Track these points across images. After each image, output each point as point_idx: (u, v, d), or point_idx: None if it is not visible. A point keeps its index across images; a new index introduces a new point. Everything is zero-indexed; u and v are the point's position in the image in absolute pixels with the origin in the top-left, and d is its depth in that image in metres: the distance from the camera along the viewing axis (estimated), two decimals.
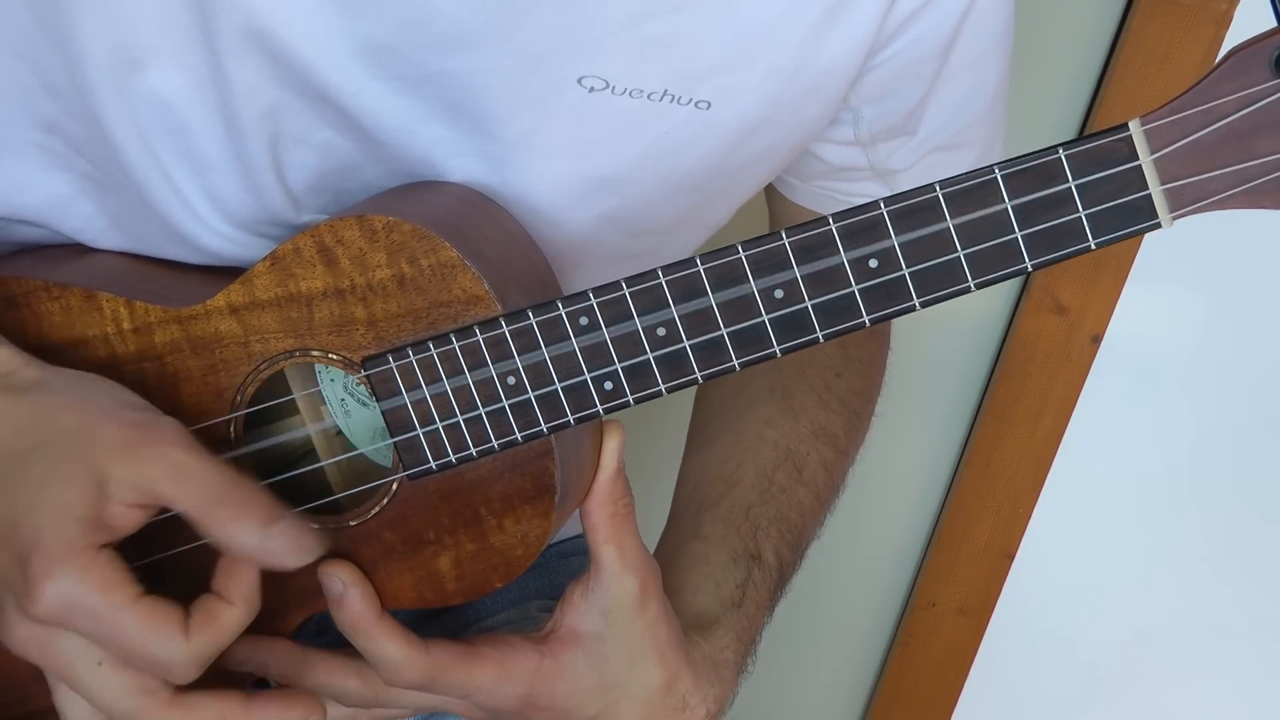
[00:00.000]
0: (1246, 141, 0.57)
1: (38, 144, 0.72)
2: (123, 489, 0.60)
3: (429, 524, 0.70)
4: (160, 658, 0.60)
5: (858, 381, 0.96)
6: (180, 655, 0.61)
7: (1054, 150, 0.59)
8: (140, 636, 0.60)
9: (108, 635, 0.60)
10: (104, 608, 0.59)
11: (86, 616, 0.59)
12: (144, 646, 0.60)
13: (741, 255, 0.62)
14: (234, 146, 0.70)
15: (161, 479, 0.61)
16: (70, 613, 0.59)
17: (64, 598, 0.58)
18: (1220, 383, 1.53)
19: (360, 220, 0.66)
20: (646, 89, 0.71)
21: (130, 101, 0.68)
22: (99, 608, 0.59)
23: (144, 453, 0.61)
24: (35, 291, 0.69)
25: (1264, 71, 0.56)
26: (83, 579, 0.59)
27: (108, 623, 0.59)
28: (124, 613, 0.59)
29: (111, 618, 0.59)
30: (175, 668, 0.61)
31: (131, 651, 0.60)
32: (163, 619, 0.60)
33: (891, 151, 0.84)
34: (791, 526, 0.88)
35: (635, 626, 0.74)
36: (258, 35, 0.67)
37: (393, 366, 0.66)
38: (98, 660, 0.61)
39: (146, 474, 0.60)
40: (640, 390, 0.65)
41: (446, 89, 0.70)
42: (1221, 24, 1.29)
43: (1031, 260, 0.60)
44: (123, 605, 0.59)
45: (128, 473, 0.60)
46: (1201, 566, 1.65)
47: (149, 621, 0.60)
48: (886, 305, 0.62)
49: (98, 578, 0.59)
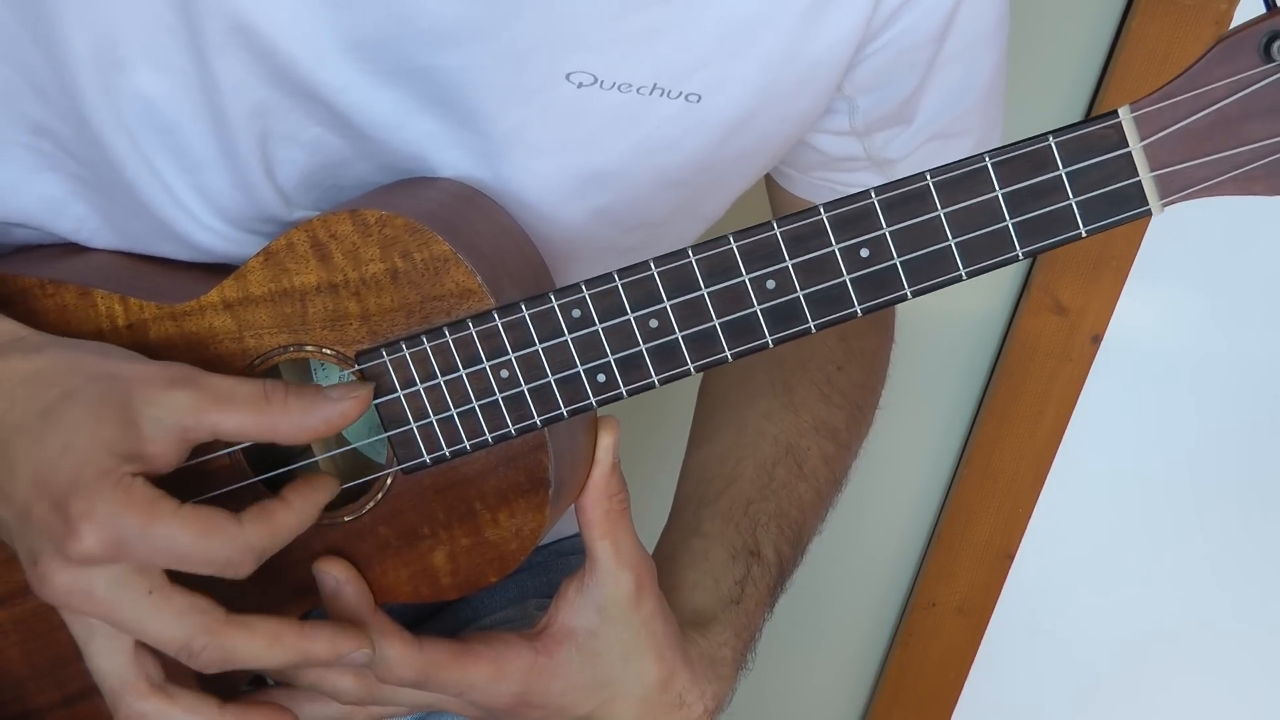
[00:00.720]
0: (1236, 127, 0.57)
1: (27, 146, 0.72)
2: (157, 425, 0.61)
3: (423, 518, 0.70)
4: (217, 552, 0.60)
5: (860, 375, 0.96)
6: (238, 543, 0.60)
7: (1044, 138, 0.59)
8: (195, 537, 0.59)
9: (161, 549, 0.59)
10: (152, 523, 0.59)
11: (136, 538, 0.59)
12: (200, 546, 0.60)
13: (733, 246, 0.62)
14: (223, 145, 0.70)
15: (203, 404, 0.61)
16: (119, 540, 0.59)
17: (110, 528, 0.58)
18: (1220, 382, 1.53)
19: (353, 215, 0.66)
20: (635, 83, 0.71)
21: (117, 101, 0.68)
22: (147, 525, 0.59)
23: (174, 389, 0.61)
24: (30, 289, 0.69)
25: (1253, 57, 0.56)
26: (126, 504, 0.59)
27: (160, 536, 0.59)
28: (174, 520, 0.59)
29: (162, 530, 0.59)
30: (235, 557, 0.60)
31: (188, 555, 0.60)
32: (213, 516, 0.60)
33: (888, 141, 0.84)
34: (792, 522, 0.88)
35: (631, 623, 0.74)
36: (242, 32, 0.67)
37: (386, 360, 0.66)
38: (148, 589, 0.60)
39: (183, 404, 0.61)
40: (633, 382, 0.65)
41: (434, 84, 0.70)
42: (1221, 24, 1.29)
43: (1022, 248, 0.60)
44: (171, 514, 0.59)
45: (162, 408, 0.61)
46: (1201, 566, 1.65)
47: (200, 522, 0.60)
48: (878, 294, 0.62)
49: (139, 499, 0.59)
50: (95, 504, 0.58)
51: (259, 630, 0.62)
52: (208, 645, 0.61)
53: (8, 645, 0.73)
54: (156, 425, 0.61)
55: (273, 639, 0.63)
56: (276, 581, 0.69)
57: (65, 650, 0.72)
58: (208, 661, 0.61)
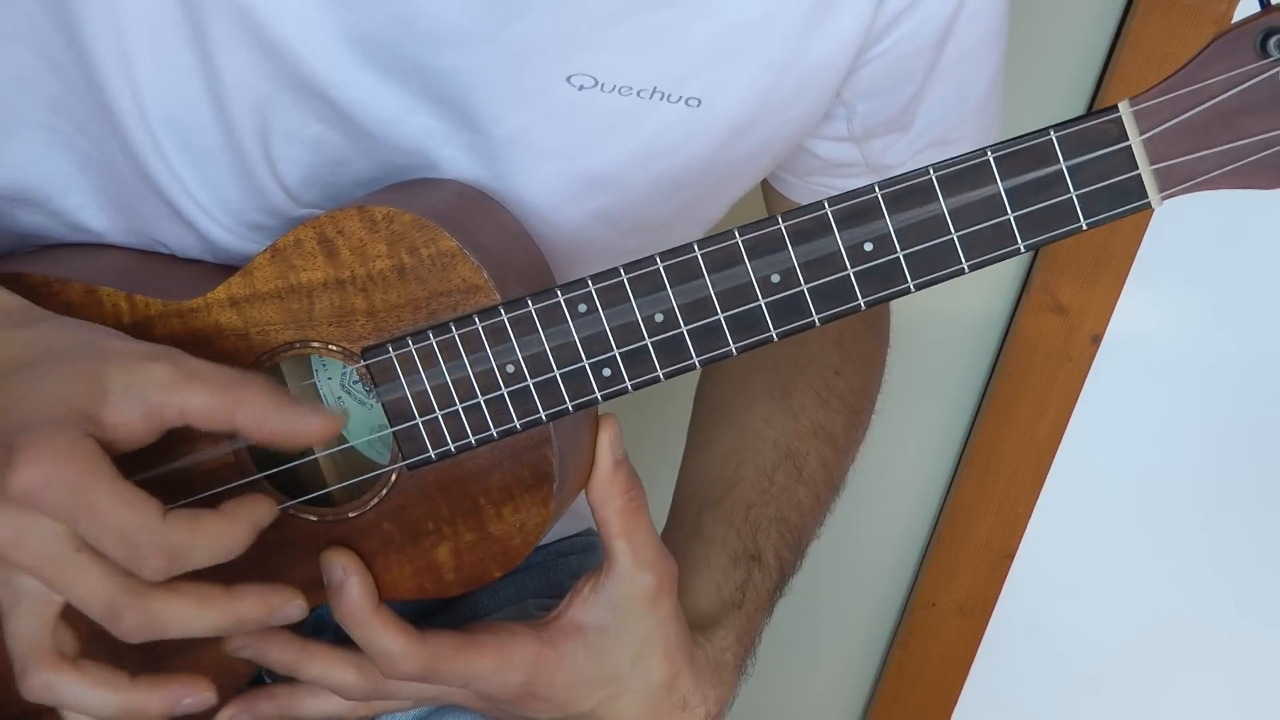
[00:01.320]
0: (1234, 122, 0.58)
1: (43, 124, 0.72)
2: (124, 393, 0.60)
3: (428, 514, 0.70)
4: (130, 532, 0.58)
5: (857, 379, 0.96)
6: (153, 533, 0.58)
7: (1045, 132, 0.59)
8: (117, 506, 0.57)
9: (81, 508, 0.57)
10: (83, 481, 0.57)
11: (63, 490, 0.57)
12: (117, 519, 0.58)
13: (738, 240, 0.63)
14: (227, 138, 0.71)
15: (173, 382, 0.60)
16: (48, 487, 0.57)
17: (43, 472, 0.57)
18: (1220, 381, 1.53)
19: (360, 211, 0.66)
20: (636, 86, 0.71)
21: (128, 88, 0.69)
22: (78, 481, 0.57)
23: (151, 363, 0.61)
24: (36, 287, 0.69)
25: (1250, 53, 0.57)
26: (67, 455, 0.57)
27: (84, 495, 0.57)
28: (105, 486, 0.58)
29: (90, 491, 0.57)
30: (144, 546, 0.58)
31: (103, 525, 0.58)
32: (142, 499, 0.58)
33: (886, 147, 0.85)
34: (791, 527, 0.88)
35: (645, 622, 0.74)
36: (246, 27, 0.67)
37: (392, 356, 0.67)
38: (75, 546, 0.58)
39: (156, 377, 0.60)
40: (639, 376, 0.66)
41: (436, 83, 0.70)
42: (1221, 24, 1.29)
43: (1024, 241, 0.61)
44: (105, 480, 0.58)
45: (134, 376, 0.60)
46: (1202, 566, 1.65)
47: (127, 496, 0.58)
48: (881, 288, 0.63)
49: (81, 453, 0.58)
50: (37, 444, 0.57)
51: (184, 592, 0.60)
52: (130, 606, 0.58)
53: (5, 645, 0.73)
54: (124, 393, 0.60)
55: (200, 600, 0.60)
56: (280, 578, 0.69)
57: None
58: (132, 625, 0.59)
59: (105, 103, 0.70)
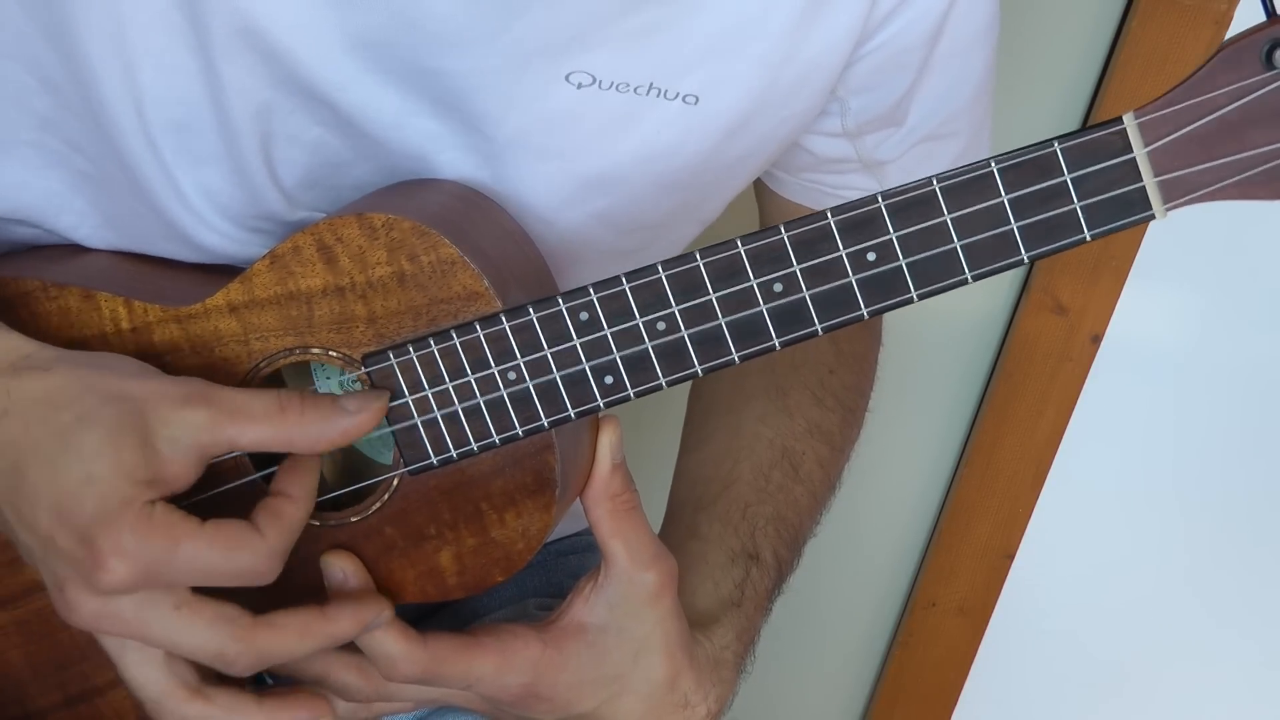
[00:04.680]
0: (1238, 134, 0.58)
1: (33, 143, 0.72)
2: (174, 445, 0.61)
3: (430, 519, 0.70)
4: (244, 564, 0.61)
5: (851, 378, 0.96)
6: (263, 552, 0.62)
7: (1049, 144, 0.59)
8: (220, 554, 0.61)
9: (189, 569, 0.60)
10: (178, 546, 0.60)
11: (164, 563, 0.60)
12: (227, 561, 0.61)
13: (741, 250, 0.63)
14: (227, 144, 0.70)
15: (219, 421, 0.61)
16: (148, 568, 0.59)
17: (138, 558, 0.59)
18: (1220, 382, 1.53)
19: (360, 218, 0.66)
20: (633, 83, 0.71)
21: (128, 96, 0.68)
22: (173, 549, 0.60)
23: (186, 408, 0.62)
24: (33, 292, 0.69)
25: (1255, 65, 0.56)
26: (150, 532, 0.59)
27: (187, 558, 0.60)
28: (198, 541, 0.60)
29: (189, 552, 0.60)
30: (261, 566, 0.62)
31: (215, 572, 0.61)
32: (234, 531, 0.61)
33: (879, 142, 0.85)
34: (789, 525, 0.88)
35: (646, 620, 0.74)
36: (248, 33, 0.67)
37: (393, 363, 0.67)
38: (173, 605, 0.61)
39: (198, 422, 0.61)
40: (640, 384, 0.66)
41: (437, 86, 0.70)
42: (1221, 24, 1.29)
43: (1028, 252, 0.61)
44: (194, 535, 0.60)
45: (178, 428, 0.61)
46: (1202, 566, 1.65)
47: (222, 538, 0.61)
48: (884, 298, 0.63)
49: (162, 524, 0.60)
50: (121, 535, 0.59)
51: (288, 626, 0.63)
52: (242, 651, 0.62)
53: (9, 647, 0.73)
54: (174, 445, 0.61)
55: (302, 631, 0.64)
56: (283, 582, 0.69)
57: (66, 651, 0.72)
58: (244, 666, 0.63)
59: (102, 115, 0.69)
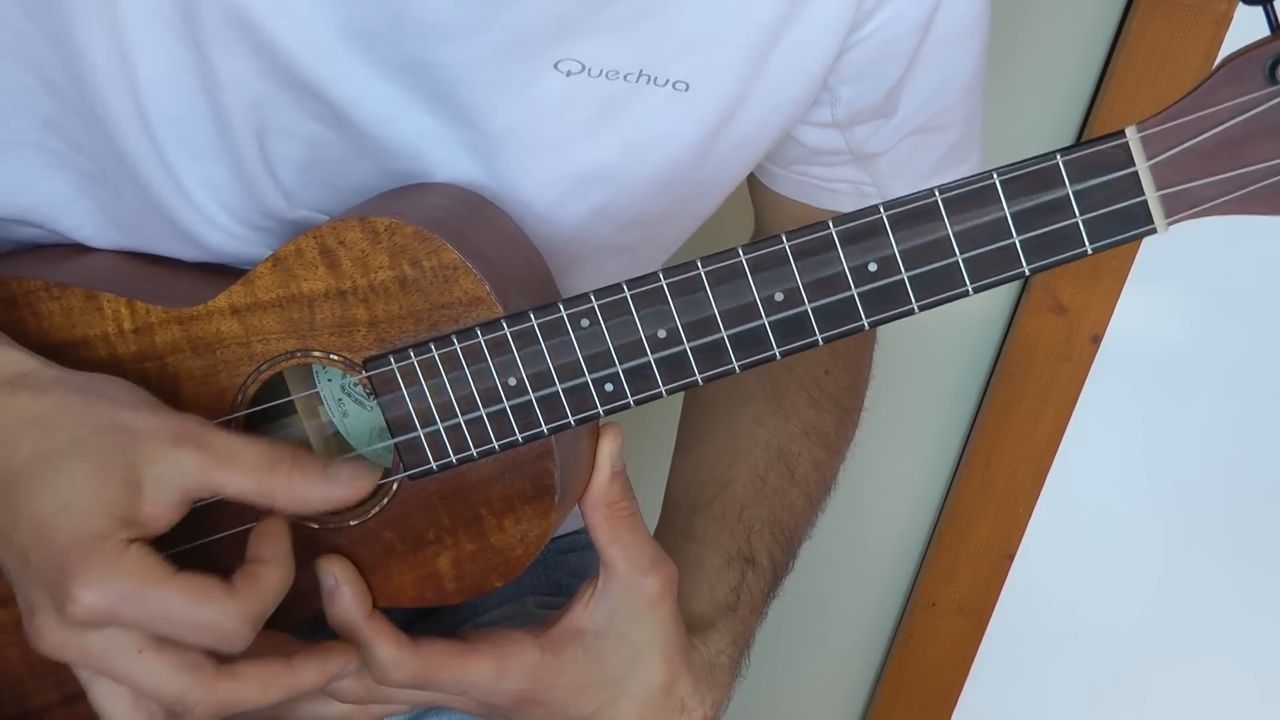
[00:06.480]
0: (1240, 148, 0.57)
1: (35, 144, 0.72)
2: (158, 485, 0.61)
3: (429, 524, 0.70)
4: (210, 621, 0.60)
5: (846, 378, 0.96)
6: (231, 613, 0.61)
7: (1052, 156, 0.59)
8: (187, 607, 0.60)
9: (154, 615, 0.60)
10: (145, 590, 0.59)
11: (130, 605, 0.59)
12: (193, 614, 0.60)
13: (742, 258, 0.63)
14: (223, 138, 0.71)
15: (208, 465, 0.61)
16: (112, 607, 0.59)
17: (103, 594, 0.59)
18: (1220, 382, 1.53)
19: (363, 222, 0.66)
20: (622, 70, 0.71)
21: (127, 91, 0.68)
22: (140, 592, 0.59)
23: (178, 449, 0.61)
24: (35, 292, 0.69)
25: (1258, 80, 0.56)
26: (119, 570, 0.59)
27: (152, 603, 0.59)
28: (165, 588, 0.60)
29: (155, 597, 0.59)
30: (227, 627, 0.61)
31: (180, 623, 0.60)
32: (204, 585, 0.61)
33: (870, 134, 0.84)
34: (784, 528, 0.88)
35: (645, 625, 0.74)
36: (240, 25, 0.67)
37: (394, 367, 0.67)
38: (138, 648, 0.61)
39: (188, 466, 0.61)
40: (641, 392, 0.66)
41: (428, 78, 0.70)
42: (1221, 24, 1.29)
43: (1029, 265, 0.61)
44: (162, 581, 0.60)
45: (166, 466, 0.61)
46: (1202, 566, 1.65)
47: (191, 590, 0.60)
48: (885, 309, 0.63)
49: (132, 565, 0.59)
50: (90, 569, 0.59)
51: (252, 677, 0.63)
52: (201, 700, 0.62)
53: (7, 645, 0.74)
54: (158, 485, 0.61)
55: (265, 683, 0.63)
56: None
57: None
58: (203, 714, 0.62)
59: (102, 113, 0.69)
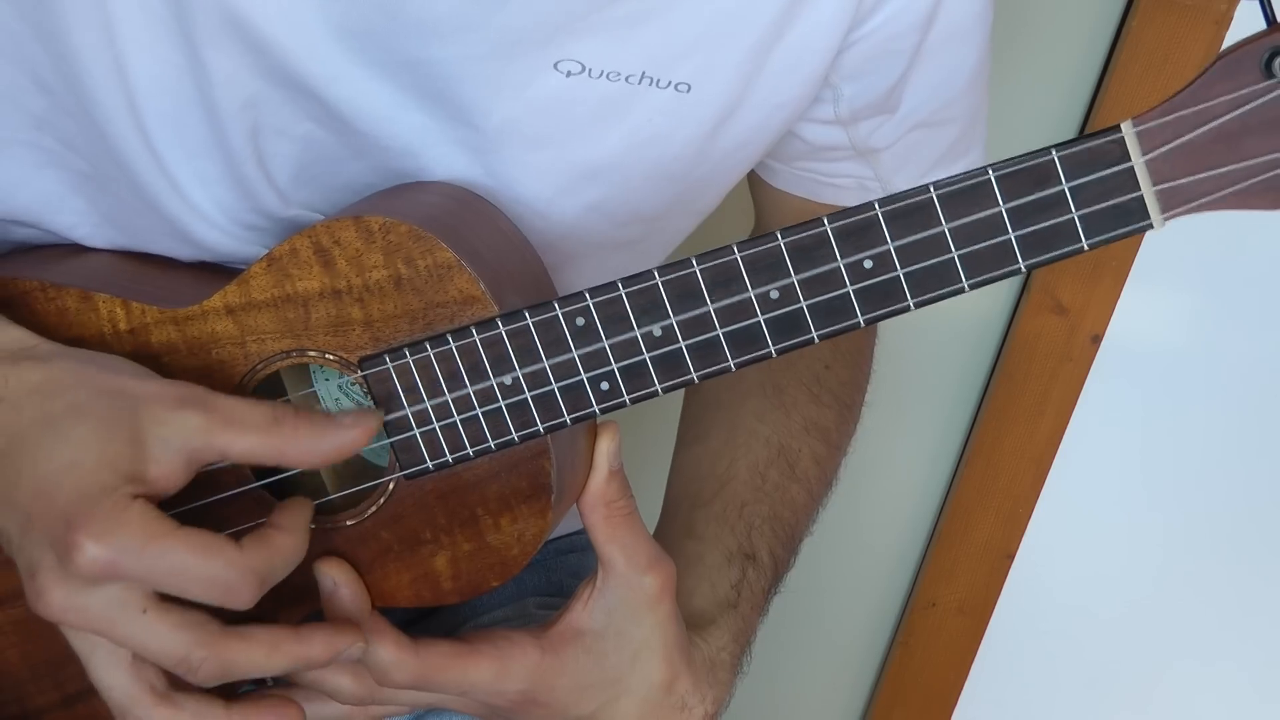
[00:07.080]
0: (1237, 143, 0.57)
1: (28, 143, 0.72)
2: (164, 446, 0.61)
3: (425, 523, 0.70)
4: (215, 574, 0.60)
5: (846, 373, 0.96)
6: (237, 566, 0.60)
7: (1047, 152, 0.59)
8: (192, 559, 0.59)
9: (159, 569, 0.59)
10: (150, 542, 0.59)
11: (134, 557, 0.58)
12: (198, 567, 0.59)
13: (737, 256, 0.63)
14: (217, 137, 0.70)
15: (213, 427, 0.61)
16: (116, 558, 0.58)
17: (108, 545, 0.58)
18: (1220, 382, 1.53)
19: (357, 221, 0.66)
20: (624, 71, 0.71)
21: (120, 91, 0.68)
22: (145, 544, 0.59)
23: (182, 410, 0.61)
24: (31, 292, 0.69)
25: (1254, 74, 0.56)
26: (124, 523, 0.58)
27: (156, 555, 0.59)
28: (170, 539, 0.59)
29: (160, 549, 0.59)
30: (233, 579, 0.60)
31: (185, 575, 0.59)
32: (210, 538, 0.60)
33: (872, 130, 0.84)
34: (785, 524, 0.88)
35: (645, 623, 0.74)
36: (233, 24, 0.67)
37: (389, 367, 0.66)
38: (141, 608, 0.60)
39: (193, 427, 0.61)
40: (636, 390, 0.66)
41: (424, 76, 0.70)
42: (1221, 24, 1.29)
43: (1025, 261, 0.60)
44: (168, 534, 0.59)
45: (170, 428, 0.61)
46: (1202, 566, 1.65)
47: (197, 542, 0.60)
48: (881, 306, 0.63)
49: (137, 518, 0.59)
50: (95, 520, 0.58)
51: (257, 639, 0.62)
52: (206, 659, 0.61)
53: (6, 646, 0.73)
54: (164, 446, 0.60)
55: (270, 647, 0.63)
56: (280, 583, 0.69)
57: (64, 651, 0.72)
58: (207, 674, 0.61)
59: (96, 112, 0.69)
